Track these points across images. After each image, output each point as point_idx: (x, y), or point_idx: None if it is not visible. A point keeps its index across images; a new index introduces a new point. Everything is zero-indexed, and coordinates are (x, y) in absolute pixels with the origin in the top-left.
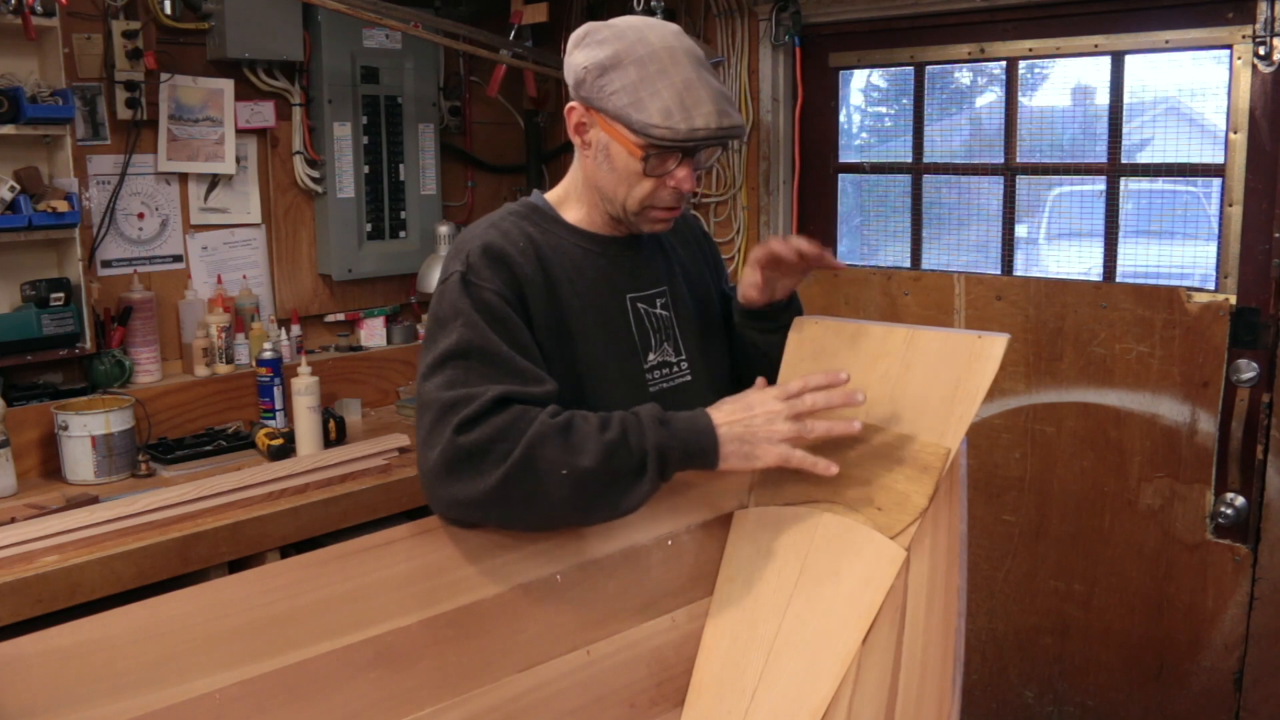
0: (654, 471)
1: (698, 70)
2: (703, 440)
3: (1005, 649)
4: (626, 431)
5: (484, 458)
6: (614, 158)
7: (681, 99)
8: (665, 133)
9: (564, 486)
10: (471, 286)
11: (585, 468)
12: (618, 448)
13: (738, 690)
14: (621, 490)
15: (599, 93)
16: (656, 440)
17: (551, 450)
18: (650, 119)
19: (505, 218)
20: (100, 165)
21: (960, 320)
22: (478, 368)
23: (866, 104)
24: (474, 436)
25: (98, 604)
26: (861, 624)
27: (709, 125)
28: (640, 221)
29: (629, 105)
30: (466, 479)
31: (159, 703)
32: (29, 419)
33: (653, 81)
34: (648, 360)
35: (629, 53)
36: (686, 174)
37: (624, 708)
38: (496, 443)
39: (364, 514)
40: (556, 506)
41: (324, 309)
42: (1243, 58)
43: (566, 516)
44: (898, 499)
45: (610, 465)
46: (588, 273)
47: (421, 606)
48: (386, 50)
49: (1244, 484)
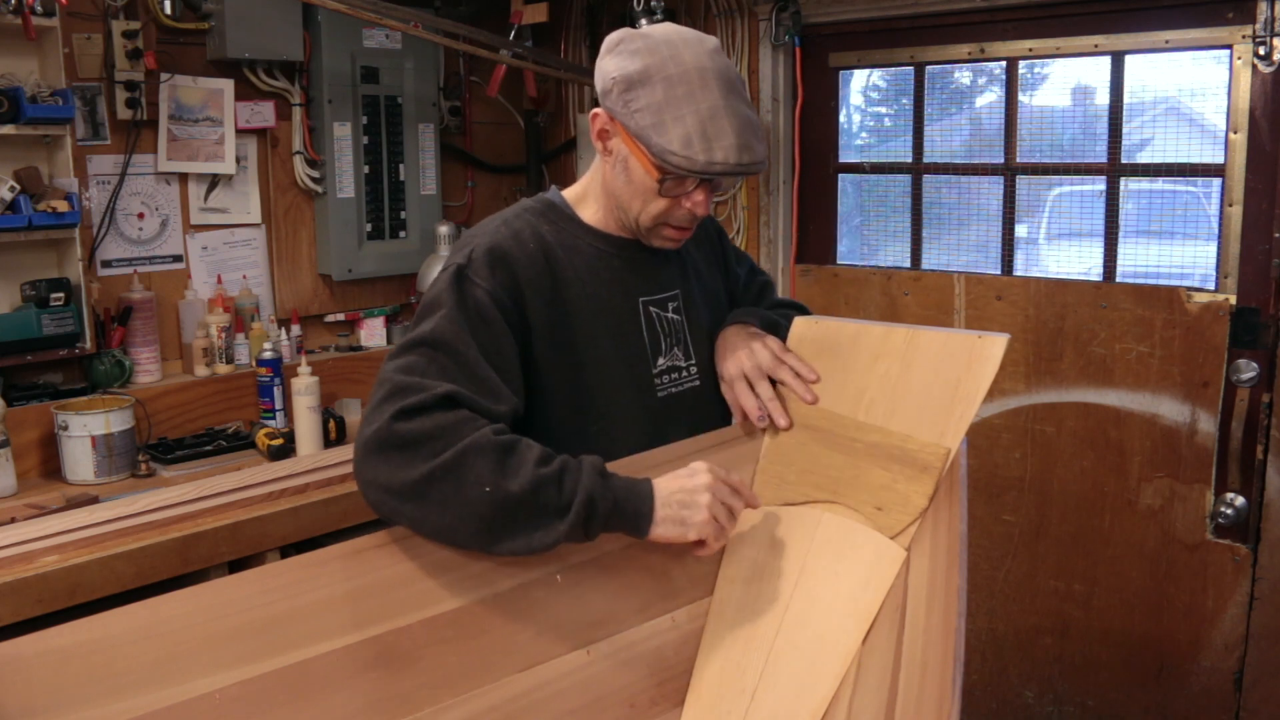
0: (577, 517)
1: (727, 97)
2: (638, 502)
3: (1005, 649)
4: (564, 472)
5: (415, 449)
6: (632, 171)
7: (705, 128)
8: (682, 161)
9: (483, 503)
10: (466, 282)
11: (510, 491)
12: (548, 483)
13: (738, 690)
14: (537, 526)
15: (624, 107)
16: (589, 488)
17: (483, 464)
18: (670, 145)
19: (520, 215)
20: (100, 165)
21: (960, 320)
22: (441, 361)
23: (866, 104)
24: (411, 426)
25: (98, 604)
26: (861, 624)
27: (727, 160)
28: (651, 236)
29: (651, 126)
30: (393, 465)
31: (159, 703)
32: (29, 419)
33: (678, 105)
34: (657, 364)
35: (659, 69)
36: (703, 199)
37: (624, 708)
38: (431, 439)
39: (364, 514)
40: (469, 521)
41: (324, 309)
42: (1243, 58)
43: (477, 534)
44: (898, 499)
45: (535, 498)
46: (601, 274)
47: (422, 606)
48: (386, 50)
49: (1244, 484)
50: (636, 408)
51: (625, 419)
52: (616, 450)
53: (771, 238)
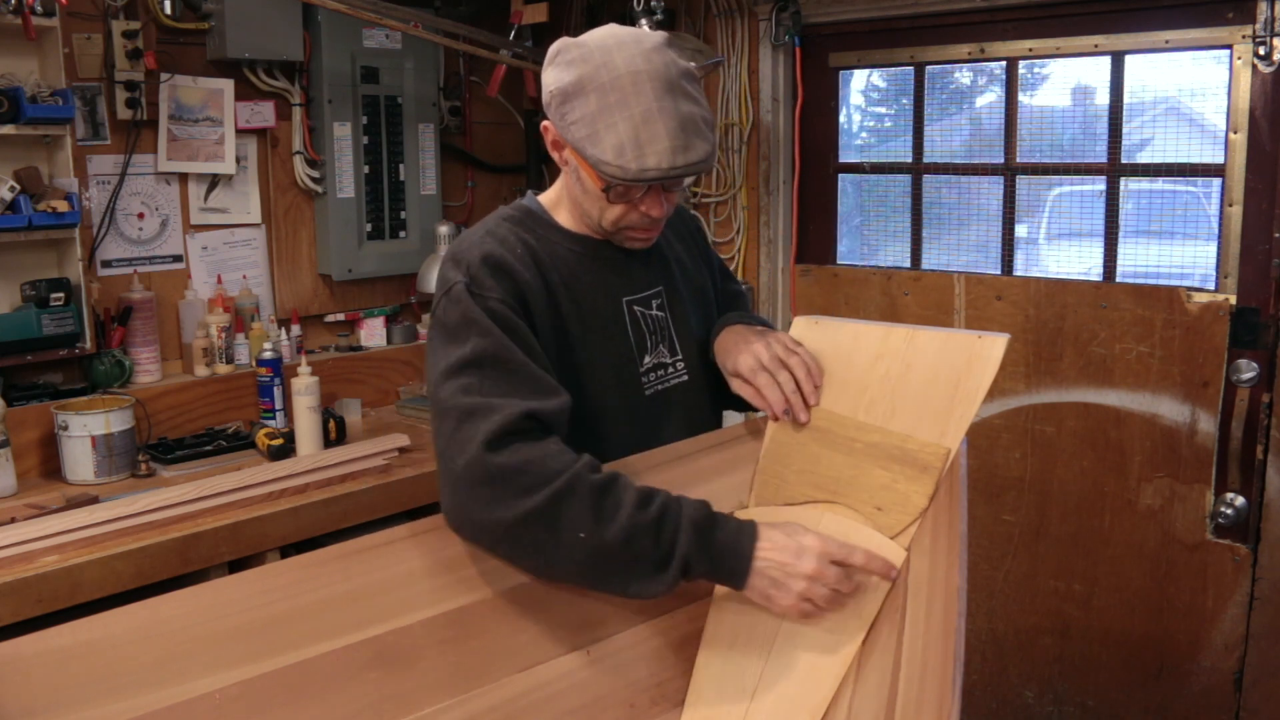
0: (675, 573)
1: (663, 98)
2: (736, 564)
3: (1005, 649)
4: (663, 521)
5: (508, 485)
6: (584, 181)
7: (637, 134)
8: (616, 171)
9: (579, 550)
10: (478, 297)
11: (606, 540)
12: (646, 533)
13: (738, 690)
14: (635, 576)
15: (561, 120)
16: (687, 547)
17: (579, 508)
18: (604, 155)
19: (500, 224)
20: (100, 165)
21: (960, 320)
22: (494, 375)
23: (866, 104)
24: (502, 459)
25: (98, 604)
26: (861, 624)
27: (660, 165)
28: (618, 239)
29: (586, 139)
30: (487, 501)
31: (159, 703)
32: (29, 419)
33: (610, 113)
34: (643, 363)
35: (592, 79)
36: (653, 202)
37: (624, 708)
38: (523, 474)
39: (364, 514)
40: (564, 564)
41: (324, 309)
42: (1243, 58)
43: (571, 577)
44: (898, 499)
45: (632, 548)
46: (583, 277)
47: (421, 606)
48: (386, 50)
49: (1244, 484)
50: (625, 408)
51: (615, 419)
52: (608, 451)
53: (771, 238)
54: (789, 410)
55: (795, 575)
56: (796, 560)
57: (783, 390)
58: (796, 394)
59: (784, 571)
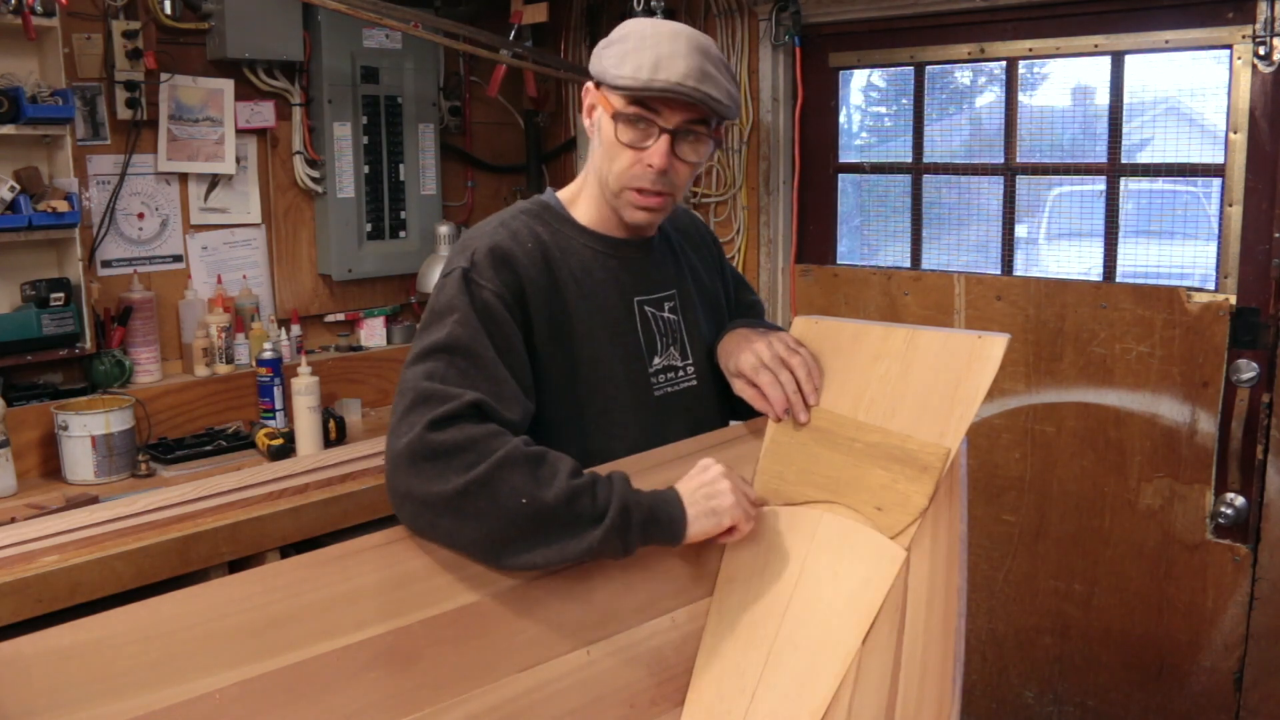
0: (612, 524)
1: (692, 49)
2: (669, 507)
3: (1005, 649)
4: (596, 483)
5: (449, 460)
6: (603, 130)
7: (658, 60)
8: (630, 81)
9: (519, 513)
10: (473, 285)
11: (545, 501)
12: (582, 492)
13: (738, 690)
14: (573, 534)
15: (599, 64)
16: (623, 496)
17: (518, 476)
18: (622, 72)
19: (516, 216)
20: (100, 165)
21: (960, 320)
22: (461, 365)
23: (866, 104)
24: (444, 437)
25: (98, 604)
26: (861, 624)
27: (669, 80)
28: (622, 207)
29: (611, 65)
30: (427, 476)
31: (159, 703)
32: (29, 419)
33: (642, 48)
34: (653, 364)
35: (635, 31)
36: (658, 150)
37: (624, 708)
38: (465, 450)
39: (364, 514)
40: (506, 531)
41: (324, 309)
42: (1243, 58)
43: (514, 546)
44: (898, 499)
45: (571, 507)
46: (596, 274)
47: (421, 606)
48: (386, 50)
49: (1244, 484)
50: (633, 407)
51: (622, 418)
52: (615, 449)
53: (771, 238)
54: (790, 410)
55: (715, 479)
56: (705, 472)
57: (784, 389)
58: (798, 394)
59: (705, 485)
